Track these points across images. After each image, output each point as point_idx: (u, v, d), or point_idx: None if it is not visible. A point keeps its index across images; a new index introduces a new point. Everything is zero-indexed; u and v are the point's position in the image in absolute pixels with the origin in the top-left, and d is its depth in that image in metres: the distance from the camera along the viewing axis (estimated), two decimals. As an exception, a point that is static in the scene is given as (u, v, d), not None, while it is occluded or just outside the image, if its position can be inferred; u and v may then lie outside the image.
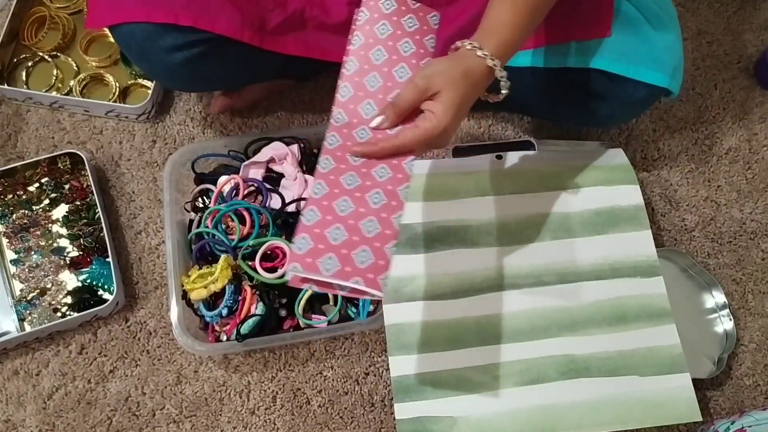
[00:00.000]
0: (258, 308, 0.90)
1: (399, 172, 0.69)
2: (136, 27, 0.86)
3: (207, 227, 0.96)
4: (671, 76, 0.88)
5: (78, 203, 1.04)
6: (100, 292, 1.00)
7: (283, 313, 0.93)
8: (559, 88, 0.96)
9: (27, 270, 1.00)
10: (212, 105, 1.10)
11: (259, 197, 0.99)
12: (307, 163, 1.00)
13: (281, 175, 1.00)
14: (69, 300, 0.99)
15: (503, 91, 0.75)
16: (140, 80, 1.13)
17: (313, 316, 0.94)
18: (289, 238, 0.94)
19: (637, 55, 0.88)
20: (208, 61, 0.90)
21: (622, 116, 1.03)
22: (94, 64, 1.14)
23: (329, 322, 0.93)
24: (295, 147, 1.01)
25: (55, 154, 1.04)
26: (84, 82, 1.13)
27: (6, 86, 1.09)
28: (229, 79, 1.01)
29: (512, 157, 1.02)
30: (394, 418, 0.87)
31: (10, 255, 1.02)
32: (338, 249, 0.64)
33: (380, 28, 0.75)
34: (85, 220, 1.03)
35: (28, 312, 0.98)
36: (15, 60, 1.14)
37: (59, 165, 1.05)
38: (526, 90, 1.00)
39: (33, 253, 1.02)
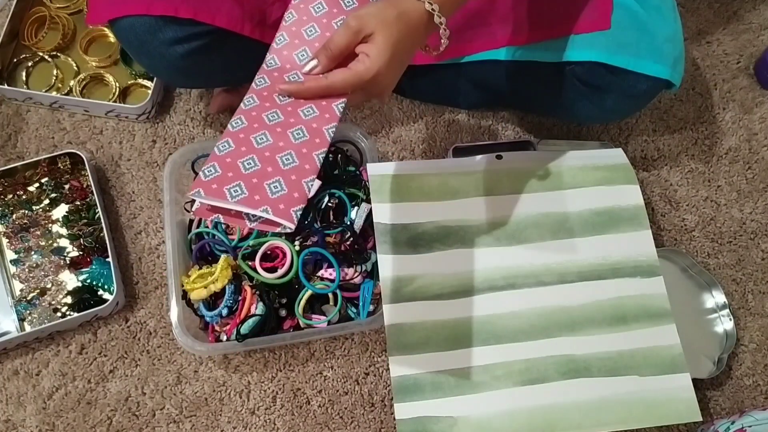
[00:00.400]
0: (258, 308, 0.90)
1: (327, 112, 0.67)
2: (136, 20, 0.86)
3: (207, 227, 0.96)
4: (672, 68, 0.88)
5: (78, 203, 1.04)
6: (100, 292, 1.00)
7: (283, 313, 0.93)
8: (560, 82, 0.96)
9: (27, 270, 1.00)
10: (211, 104, 1.10)
11: (259, 197, 0.99)
12: (307, 163, 1.00)
13: (281, 175, 1.00)
14: (69, 300, 0.99)
15: (443, 41, 0.72)
16: (140, 80, 1.13)
17: (313, 316, 0.94)
18: (289, 238, 0.94)
19: (637, 47, 0.88)
20: (209, 55, 0.90)
21: (625, 109, 1.02)
22: (94, 64, 1.14)
23: (329, 322, 0.93)
24: (295, 147, 1.01)
25: (55, 154, 1.04)
26: (84, 82, 1.13)
27: (6, 86, 1.09)
28: (229, 73, 1.01)
29: (512, 157, 1.02)
30: (394, 418, 0.87)
31: (10, 255, 1.02)
32: (249, 178, 0.61)
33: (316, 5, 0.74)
34: (85, 220, 1.03)
35: (28, 312, 0.98)
36: (15, 60, 1.14)
37: (59, 165, 1.05)
38: (528, 84, 1.00)
39: (33, 253, 1.02)
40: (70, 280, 1.00)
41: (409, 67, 0.95)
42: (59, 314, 0.98)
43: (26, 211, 1.04)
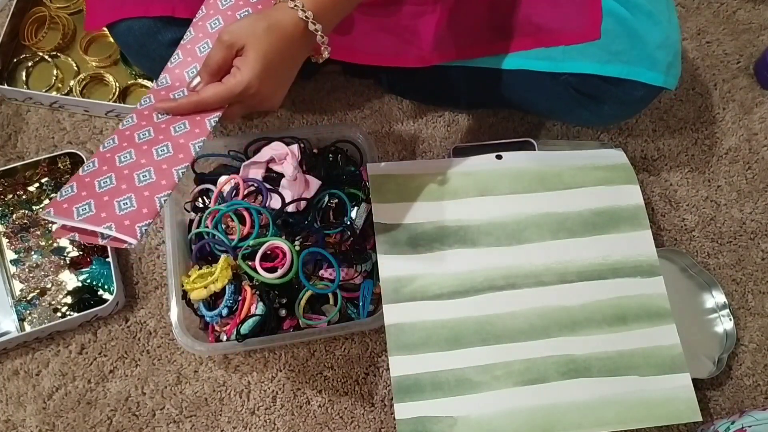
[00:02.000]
0: (258, 308, 0.90)
1: (197, 127, 0.67)
2: (134, 23, 0.86)
3: (207, 227, 0.96)
4: (666, 74, 0.88)
5: (78, 203, 1.04)
6: (100, 292, 1.00)
7: (283, 313, 0.93)
8: (556, 90, 0.96)
9: (27, 270, 1.00)
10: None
11: (259, 197, 0.99)
12: (307, 163, 1.00)
13: (281, 175, 1.00)
14: (69, 300, 0.99)
15: (322, 48, 0.72)
16: (140, 80, 1.13)
17: (313, 316, 0.94)
18: (289, 238, 0.94)
19: (629, 55, 0.87)
20: None
21: (622, 115, 1.03)
22: (94, 64, 1.14)
23: (329, 322, 0.93)
24: (295, 147, 1.01)
25: (55, 154, 1.04)
26: (84, 82, 1.13)
27: (6, 86, 1.09)
28: None
29: (512, 157, 1.02)
30: (394, 418, 0.87)
31: (10, 255, 1.02)
32: (101, 196, 0.62)
33: (223, 1, 0.75)
34: (85, 220, 1.03)
35: (28, 312, 0.98)
36: (15, 60, 1.14)
37: (59, 165, 1.05)
38: (525, 91, 1.00)
39: (33, 253, 1.02)
40: (70, 280, 1.00)
41: (406, 69, 0.95)
42: (59, 314, 0.98)
43: (26, 211, 1.04)
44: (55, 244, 1.02)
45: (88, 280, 1.00)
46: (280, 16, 0.68)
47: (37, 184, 1.06)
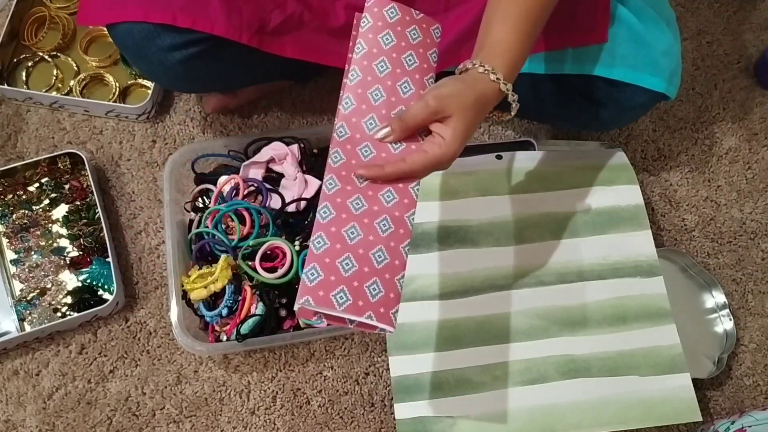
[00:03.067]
0: (258, 308, 0.90)
1: (405, 197, 0.68)
2: (134, 26, 0.86)
3: (207, 227, 0.96)
4: (668, 81, 0.88)
5: (78, 203, 1.04)
6: (100, 292, 1.00)
7: (283, 313, 0.93)
8: (557, 93, 0.96)
9: (27, 270, 1.00)
10: (206, 104, 1.10)
11: (259, 197, 0.99)
12: (307, 163, 1.00)
13: (281, 175, 1.00)
14: (69, 300, 0.99)
15: (512, 113, 0.74)
16: (140, 80, 1.13)
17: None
18: (290, 238, 0.94)
19: (634, 60, 0.88)
20: (206, 61, 0.90)
21: (621, 120, 1.03)
22: (94, 64, 1.14)
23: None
24: (295, 147, 1.01)
25: (55, 154, 1.04)
26: (84, 82, 1.13)
27: (6, 86, 1.09)
28: (226, 79, 1.01)
29: (512, 157, 1.02)
30: (394, 418, 0.87)
31: (10, 255, 1.02)
32: (350, 281, 0.63)
33: (384, 38, 0.72)
34: (85, 220, 1.03)
35: (28, 312, 0.98)
36: (15, 60, 1.14)
37: (59, 165, 1.05)
38: (525, 95, 1.00)
39: (33, 253, 1.02)
40: (70, 280, 1.00)
41: None
42: (59, 314, 0.98)
43: (26, 211, 1.04)
44: (55, 245, 1.02)
45: (88, 280, 1.00)
46: (483, 88, 0.68)
47: (37, 184, 1.06)
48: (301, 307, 0.62)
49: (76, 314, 0.95)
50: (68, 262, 1.01)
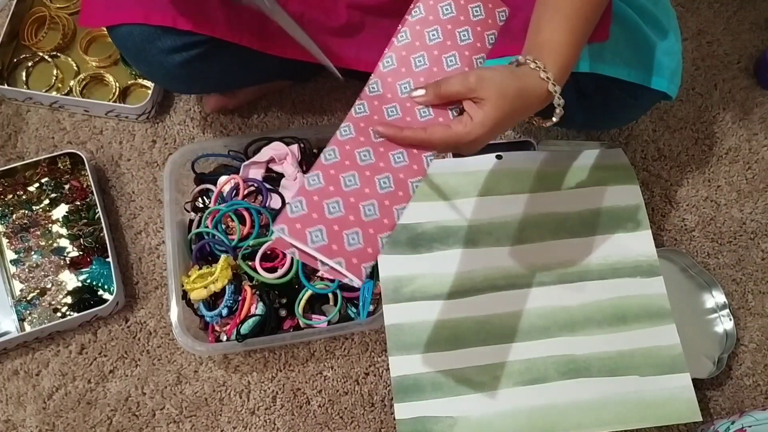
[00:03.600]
0: (258, 308, 0.90)
1: (416, 163, 0.66)
2: (134, 28, 0.86)
3: (207, 227, 0.96)
4: (669, 81, 0.88)
5: (78, 203, 1.04)
6: (100, 292, 1.00)
7: (283, 313, 0.93)
8: None
9: (27, 270, 1.00)
10: (206, 104, 1.10)
11: (259, 197, 0.99)
12: (307, 163, 1.00)
13: (281, 175, 1.01)
14: (69, 300, 0.99)
15: (554, 119, 0.72)
16: (140, 80, 1.13)
17: (313, 316, 0.94)
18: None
19: (635, 59, 0.88)
20: (207, 63, 0.90)
21: (621, 120, 1.03)
22: (94, 64, 1.14)
23: (329, 322, 0.93)
24: (295, 147, 1.01)
25: (55, 154, 1.04)
26: (84, 82, 1.13)
27: (6, 86, 1.09)
28: (227, 80, 1.01)
29: (512, 157, 1.02)
30: (394, 418, 0.87)
31: (10, 255, 1.02)
32: (330, 223, 0.61)
33: (444, 7, 0.70)
34: (85, 220, 1.03)
35: (28, 312, 0.98)
36: (15, 60, 1.14)
37: (59, 165, 1.05)
38: None
39: (33, 253, 1.02)
40: (70, 280, 1.00)
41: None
42: (59, 314, 0.98)
43: (26, 211, 1.04)
44: (55, 245, 1.02)
45: (88, 280, 1.00)
46: (530, 84, 0.66)
47: (37, 184, 1.06)
48: (276, 236, 0.61)
49: (76, 314, 0.95)
50: (68, 262, 1.01)
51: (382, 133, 0.66)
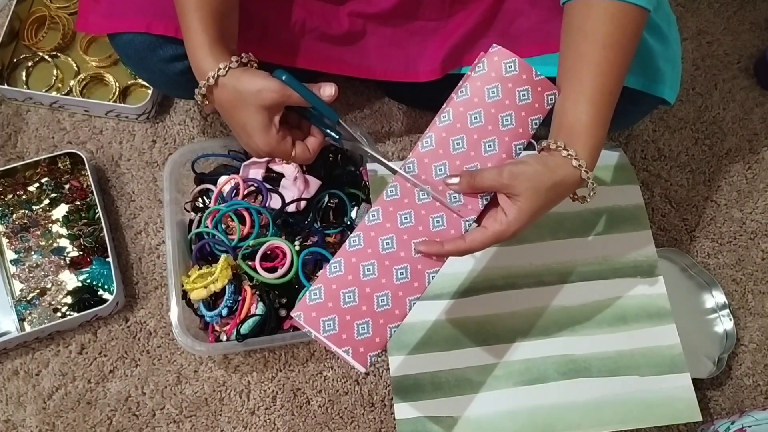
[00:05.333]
0: (258, 308, 0.90)
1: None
2: (136, 37, 0.86)
3: (207, 227, 0.96)
4: (669, 86, 0.88)
5: (78, 203, 1.04)
6: (100, 292, 1.00)
7: (283, 313, 0.93)
8: None
9: (27, 270, 1.00)
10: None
11: (259, 197, 0.99)
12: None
13: (281, 175, 1.00)
14: (69, 300, 0.99)
15: (588, 200, 0.71)
16: (140, 80, 1.13)
17: (313, 316, 0.94)
18: (289, 238, 0.94)
19: (635, 65, 0.87)
20: None
21: (619, 124, 1.02)
22: (94, 64, 1.14)
23: (329, 322, 0.93)
24: (295, 147, 1.01)
25: (55, 154, 1.04)
26: (84, 82, 1.13)
27: (6, 86, 1.09)
28: None
29: (512, 157, 1.02)
30: (394, 418, 0.87)
31: (10, 255, 1.02)
32: (344, 313, 0.66)
33: (491, 90, 0.69)
34: (85, 220, 1.03)
35: (28, 312, 0.98)
36: (15, 60, 1.14)
37: (59, 165, 1.05)
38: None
39: (33, 253, 1.02)
40: (70, 280, 1.00)
41: (412, 84, 0.94)
42: (59, 314, 0.98)
43: (26, 211, 1.04)
44: (55, 245, 1.02)
45: (88, 280, 1.00)
46: (564, 175, 0.66)
47: (37, 184, 1.06)
48: (293, 317, 0.66)
49: (76, 314, 0.95)
50: (68, 262, 1.01)
51: (424, 250, 0.67)
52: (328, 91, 0.73)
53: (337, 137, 0.77)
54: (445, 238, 0.68)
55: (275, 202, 0.98)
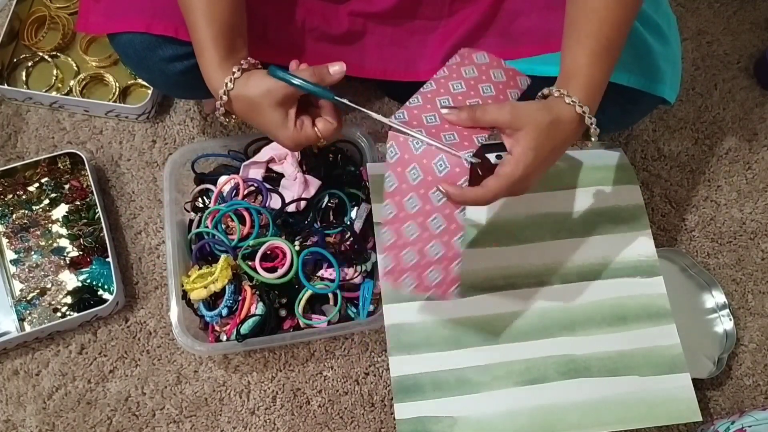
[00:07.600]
0: (258, 308, 0.90)
1: (453, 222, 0.71)
2: (135, 37, 0.86)
3: (207, 227, 0.96)
4: (669, 86, 0.88)
5: (78, 203, 1.04)
6: (100, 292, 1.00)
7: (283, 313, 0.93)
8: None
9: (27, 270, 1.00)
10: (205, 105, 1.10)
11: (259, 197, 0.99)
12: (307, 163, 1.00)
13: (281, 175, 1.00)
14: (69, 300, 0.99)
15: (593, 138, 0.72)
16: (140, 80, 1.13)
17: (313, 316, 0.94)
18: (289, 238, 0.94)
19: (635, 64, 0.87)
20: None
21: (620, 124, 1.03)
22: (94, 64, 1.14)
23: (329, 322, 0.93)
24: (295, 147, 1.01)
25: (55, 154, 1.04)
26: (84, 82, 1.13)
27: (6, 86, 1.09)
28: None
29: (512, 157, 1.02)
30: (394, 418, 0.87)
31: (10, 255, 1.02)
32: (413, 270, 0.74)
33: (466, 70, 0.74)
34: (85, 220, 1.03)
35: (28, 312, 0.98)
36: (15, 60, 1.14)
37: (59, 165, 1.05)
38: (527, 97, 1.00)
39: (33, 253, 1.02)
40: (70, 280, 1.00)
41: (412, 83, 0.94)
42: (59, 314, 0.98)
43: (26, 211, 1.04)
44: (55, 245, 1.02)
45: (88, 280, 1.00)
46: (559, 111, 0.68)
47: (37, 184, 1.06)
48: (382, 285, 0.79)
49: (76, 314, 0.95)
50: (68, 262, 1.01)
51: (450, 192, 0.68)
52: (335, 68, 0.75)
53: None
54: (453, 180, 0.68)
55: (275, 202, 0.97)
